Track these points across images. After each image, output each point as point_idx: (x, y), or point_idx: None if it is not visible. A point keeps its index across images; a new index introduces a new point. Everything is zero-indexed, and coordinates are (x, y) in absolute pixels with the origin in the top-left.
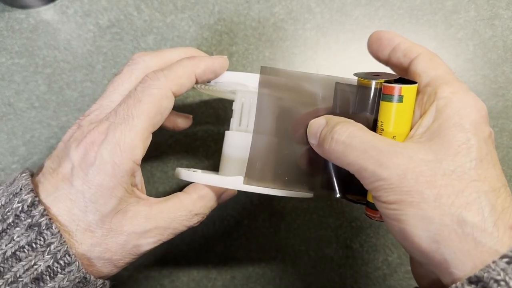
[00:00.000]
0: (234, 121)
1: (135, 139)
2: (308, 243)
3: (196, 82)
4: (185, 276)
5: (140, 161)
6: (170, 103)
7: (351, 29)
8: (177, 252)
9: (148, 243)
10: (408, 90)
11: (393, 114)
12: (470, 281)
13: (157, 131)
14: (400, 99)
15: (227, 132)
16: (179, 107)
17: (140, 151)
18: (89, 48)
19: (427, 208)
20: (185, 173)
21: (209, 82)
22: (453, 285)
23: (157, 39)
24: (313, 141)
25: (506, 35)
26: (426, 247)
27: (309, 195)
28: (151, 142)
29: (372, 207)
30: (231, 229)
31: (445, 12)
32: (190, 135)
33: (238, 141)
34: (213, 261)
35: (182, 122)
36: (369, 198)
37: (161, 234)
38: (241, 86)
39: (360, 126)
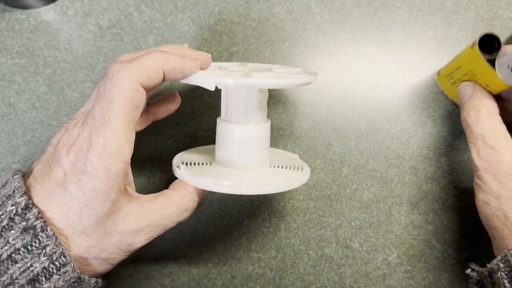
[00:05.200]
0: (222, 109)
1: (118, 141)
2: (308, 243)
3: (164, 79)
4: (185, 275)
5: (129, 160)
6: (142, 95)
7: (351, 29)
8: (177, 252)
9: (140, 240)
10: None
11: None
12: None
13: (157, 131)
14: None
15: (217, 119)
16: (180, 108)
17: (127, 151)
18: (90, 49)
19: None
20: (173, 168)
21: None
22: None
23: (158, 39)
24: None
25: (506, 35)
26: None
27: (283, 188)
28: (151, 142)
29: None
30: (231, 229)
31: (445, 13)
32: (190, 135)
33: (222, 130)
34: (213, 261)
35: (172, 105)
36: None
37: (152, 231)
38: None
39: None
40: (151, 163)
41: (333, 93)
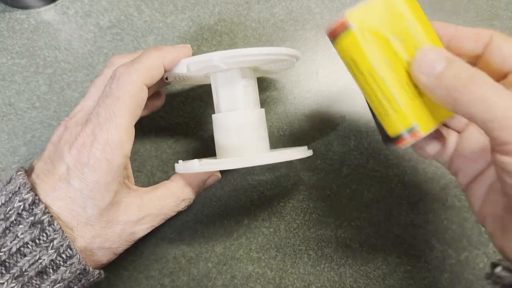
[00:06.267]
0: (214, 103)
1: (121, 136)
2: (308, 243)
3: (165, 71)
4: (185, 275)
5: (129, 154)
6: (145, 95)
7: None
8: (177, 251)
9: (142, 229)
10: None
11: None
12: None
13: (157, 131)
14: None
15: (212, 116)
16: (180, 108)
17: (128, 146)
18: (90, 49)
19: None
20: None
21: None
22: None
23: (158, 39)
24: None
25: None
26: None
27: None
28: (152, 142)
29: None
30: (231, 229)
31: (445, 13)
32: (191, 135)
33: (216, 122)
34: (213, 261)
35: (158, 101)
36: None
37: (153, 221)
38: (212, 68)
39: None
40: (151, 163)
41: (333, 93)
